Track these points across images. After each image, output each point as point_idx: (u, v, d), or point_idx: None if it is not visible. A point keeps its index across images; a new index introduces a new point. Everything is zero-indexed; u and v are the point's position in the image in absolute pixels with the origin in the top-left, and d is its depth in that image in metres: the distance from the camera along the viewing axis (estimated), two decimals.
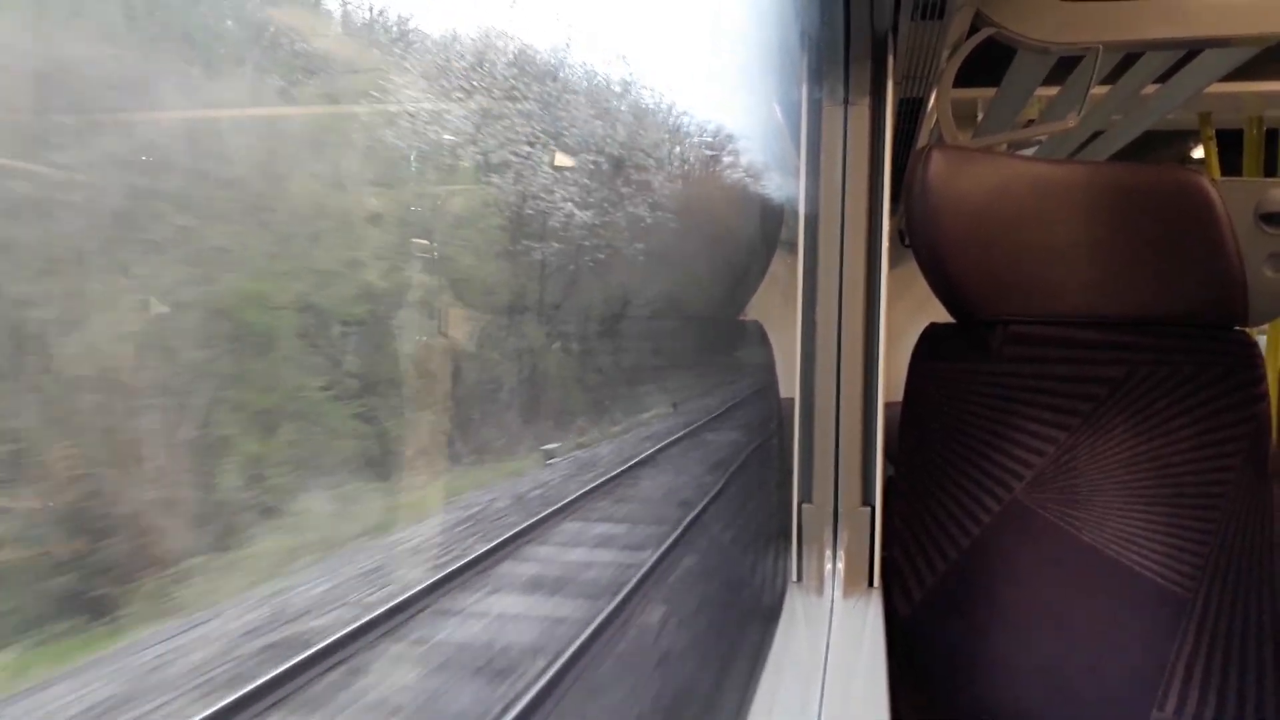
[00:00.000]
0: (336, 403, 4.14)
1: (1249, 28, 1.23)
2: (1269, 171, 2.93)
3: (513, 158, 5.44)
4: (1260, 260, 1.07)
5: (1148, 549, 1.06)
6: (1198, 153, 2.96)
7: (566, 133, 6.19)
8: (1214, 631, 1.04)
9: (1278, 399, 1.14)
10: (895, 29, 1.09)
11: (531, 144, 5.54)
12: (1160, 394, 1.08)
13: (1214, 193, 1.06)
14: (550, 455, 6.50)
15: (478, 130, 5.07)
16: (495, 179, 5.41)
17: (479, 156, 5.17)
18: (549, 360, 6.90)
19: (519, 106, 5.42)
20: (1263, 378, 1.09)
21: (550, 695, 3.27)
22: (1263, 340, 3.08)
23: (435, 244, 5.00)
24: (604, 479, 6.28)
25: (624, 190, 7.20)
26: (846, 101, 1.11)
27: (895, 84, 1.12)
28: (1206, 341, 1.09)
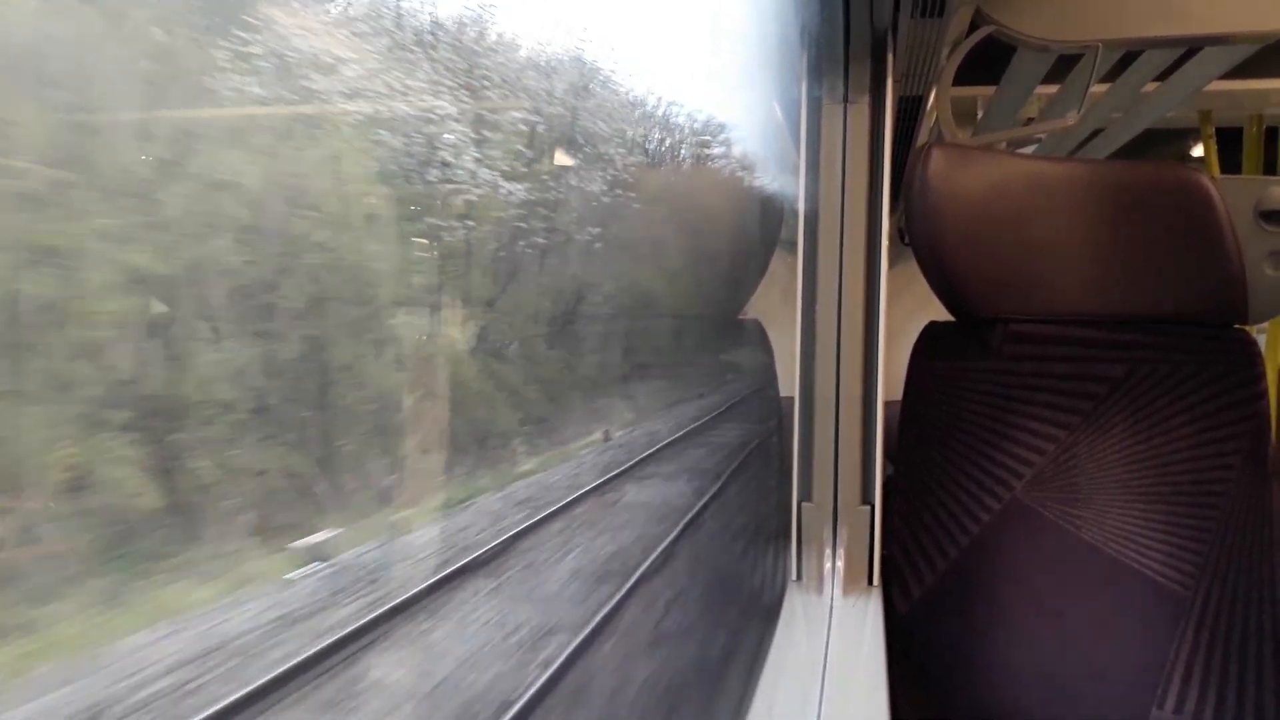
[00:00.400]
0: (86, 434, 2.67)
1: (1249, 25, 1.23)
2: (1269, 170, 2.93)
3: (408, 109, 4.21)
4: (1260, 258, 1.07)
5: (1148, 547, 1.06)
6: (1197, 151, 2.96)
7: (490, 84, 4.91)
8: (1213, 630, 1.04)
9: (1277, 397, 1.14)
10: (895, 27, 1.09)
11: (436, 94, 4.40)
12: (1160, 392, 1.08)
13: (1214, 190, 1.06)
14: (316, 556, 3.59)
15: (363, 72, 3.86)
16: (385, 136, 4.17)
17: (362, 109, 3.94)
18: (469, 372, 5.14)
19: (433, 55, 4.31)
20: (1262, 376, 1.09)
21: None
22: (1261, 339, 3.08)
23: (275, 216, 3.56)
24: (355, 627, 3.24)
25: (571, 162, 6.06)
26: (846, 100, 1.11)
27: (895, 82, 1.12)
28: (1206, 340, 1.09)
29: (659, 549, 4.52)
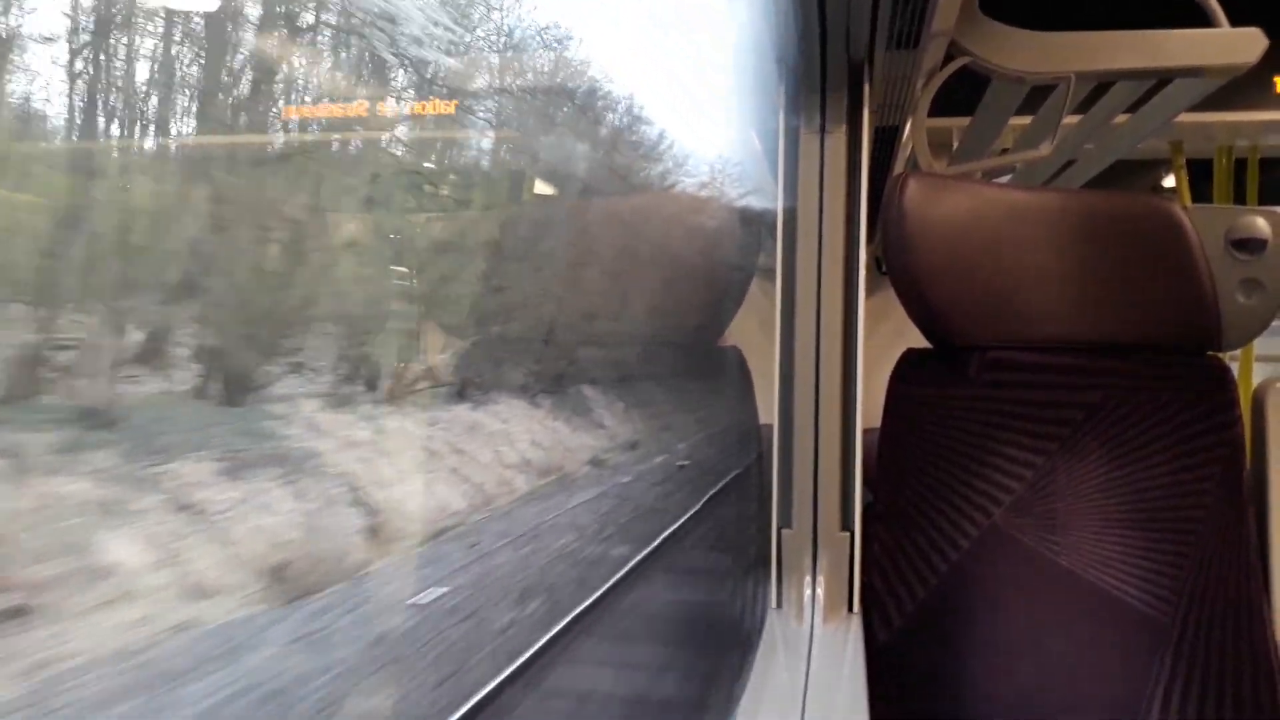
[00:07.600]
0: None
1: (1219, 58, 1.25)
2: (1238, 200, 2.97)
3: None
4: (1232, 286, 1.09)
5: (1126, 574, 1.07)
6: (1169, 181, 3.01)
7: None
8: (1191, 658, 1.05)
9: (1250, 423, 1.15)
10: (871, 58, 1.10)
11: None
12: (1136, 419, 1.09)
13: (1185, 219, 1.08)
14: None
15: None
16: None
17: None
18: None
19: None
20: (1236, 402, 1.11)
21: None
22: (1234, 366, 3.11)
23: None
24: None
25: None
26: (823, 129, 1.12)
27: (871, 112, 1.13)
28: (1180, 367, 1.10)
29: None
